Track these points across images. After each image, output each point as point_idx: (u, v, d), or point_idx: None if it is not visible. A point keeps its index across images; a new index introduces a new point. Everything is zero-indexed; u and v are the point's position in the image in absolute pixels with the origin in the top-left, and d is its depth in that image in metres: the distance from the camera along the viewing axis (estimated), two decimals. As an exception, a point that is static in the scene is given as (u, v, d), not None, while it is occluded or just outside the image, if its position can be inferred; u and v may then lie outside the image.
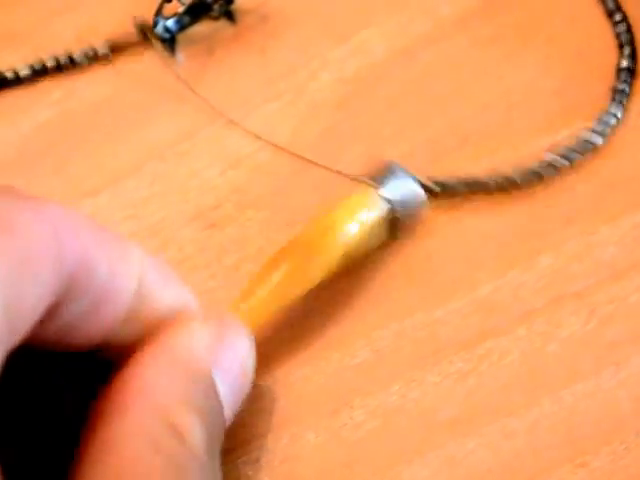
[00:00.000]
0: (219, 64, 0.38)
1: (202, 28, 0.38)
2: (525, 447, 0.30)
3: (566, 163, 0.34)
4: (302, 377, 0.31)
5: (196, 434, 0.23)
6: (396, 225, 0.32)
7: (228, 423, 0.26)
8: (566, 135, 0.35)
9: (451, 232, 0.33)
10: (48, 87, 0.38)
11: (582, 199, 0.34)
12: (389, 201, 0.32)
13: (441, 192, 0.34)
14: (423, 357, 0.31)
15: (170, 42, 0.37)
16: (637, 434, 0.29)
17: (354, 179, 0.33)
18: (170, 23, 0.37)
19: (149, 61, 0.38)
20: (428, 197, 0.33)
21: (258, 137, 0.36)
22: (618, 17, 0.37)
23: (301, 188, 0.35)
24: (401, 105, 0.36)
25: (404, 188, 0.32)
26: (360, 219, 0.31)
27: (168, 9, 0.37)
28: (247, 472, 0.30)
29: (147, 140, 0.36)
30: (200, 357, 0.25)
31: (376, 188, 0.32)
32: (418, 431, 0.30)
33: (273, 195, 0.35)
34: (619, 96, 0.35)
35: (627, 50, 0.36)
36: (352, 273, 0.32)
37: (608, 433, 0.30)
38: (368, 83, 0.37)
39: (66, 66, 0.37)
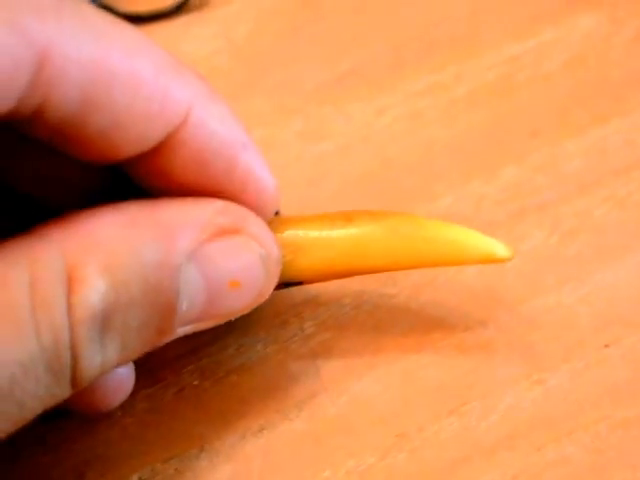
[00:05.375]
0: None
1: None
2: (480, 363, 0.28)
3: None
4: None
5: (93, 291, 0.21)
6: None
7: (186, 320, 0.23)
8: (533, 44, 0.33)
9: (410, 141, 0.32)
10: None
11: (548, 111, 0.32)
12: None
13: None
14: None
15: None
16: (597, 351, 0.28)
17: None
18: None
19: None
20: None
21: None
22: None
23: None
24: (364, 10, 0.35)
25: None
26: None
27: None
28: (193, 382, 0.29)
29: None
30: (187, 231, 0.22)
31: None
32: (369, 345, 0.29)
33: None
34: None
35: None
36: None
37: (567, 350, 0.29)
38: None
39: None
